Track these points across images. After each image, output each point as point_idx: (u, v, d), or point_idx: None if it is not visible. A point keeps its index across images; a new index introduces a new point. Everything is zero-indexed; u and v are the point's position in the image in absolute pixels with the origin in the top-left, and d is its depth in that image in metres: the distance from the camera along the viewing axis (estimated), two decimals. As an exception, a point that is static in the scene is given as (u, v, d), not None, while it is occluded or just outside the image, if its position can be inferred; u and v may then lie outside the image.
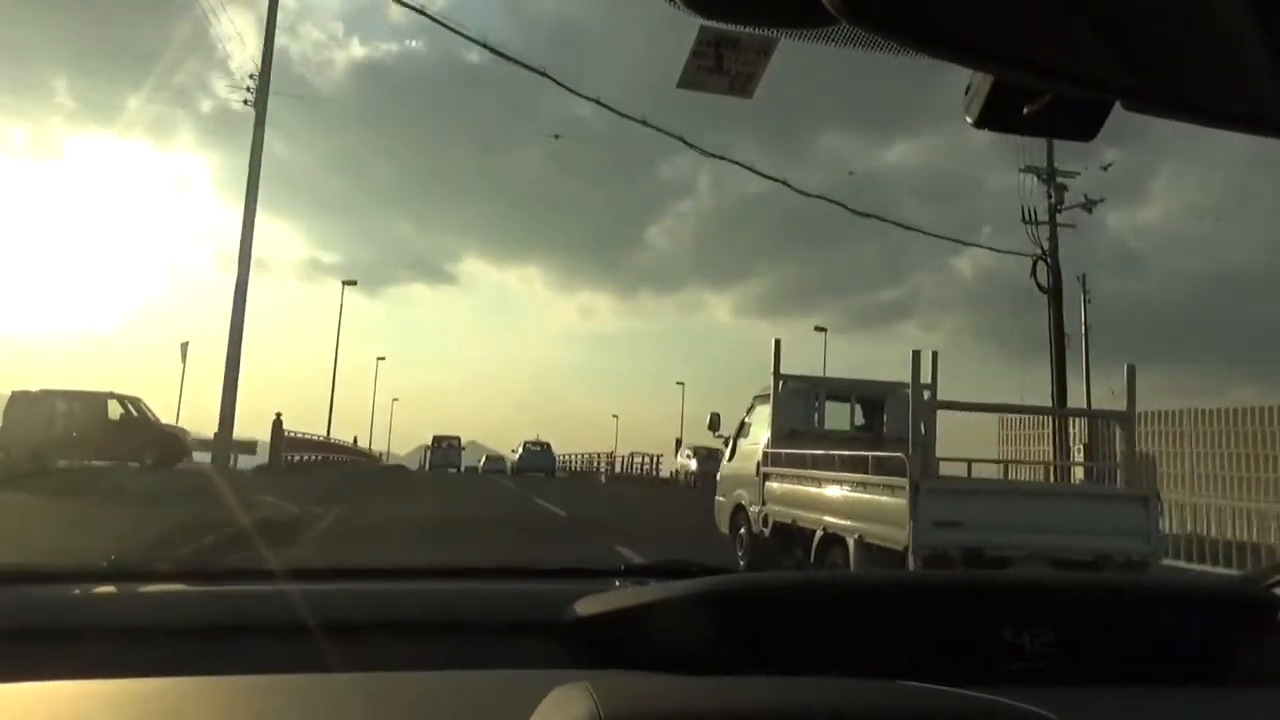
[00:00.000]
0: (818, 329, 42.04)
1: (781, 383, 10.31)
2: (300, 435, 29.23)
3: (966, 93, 0.72)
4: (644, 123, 17.86)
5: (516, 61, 17.38)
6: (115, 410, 20.74)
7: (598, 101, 17.84)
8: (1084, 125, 0.73)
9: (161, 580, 1.67)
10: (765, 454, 9.90)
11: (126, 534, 8.81)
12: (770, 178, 19.62)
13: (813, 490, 8.64)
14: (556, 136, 35.78)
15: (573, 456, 46.24)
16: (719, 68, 2.06)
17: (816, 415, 10.56)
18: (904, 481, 7.05)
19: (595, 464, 42.89)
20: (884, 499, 7.32)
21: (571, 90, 17.87)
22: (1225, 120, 0.61)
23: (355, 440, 46.20)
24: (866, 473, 7.90)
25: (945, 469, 8.70)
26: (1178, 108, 0.60)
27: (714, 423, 12.58)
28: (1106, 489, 8.51)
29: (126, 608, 1.52)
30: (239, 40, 30.72)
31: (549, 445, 41.60)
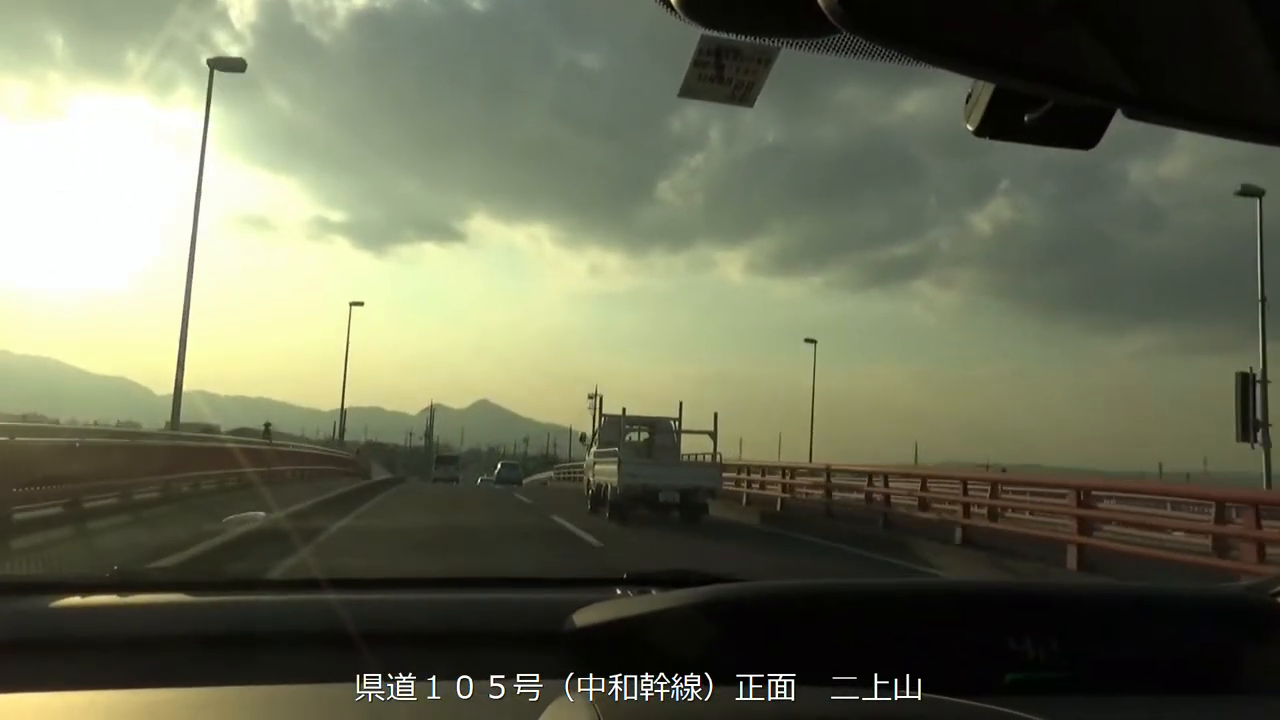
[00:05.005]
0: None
1: (603, 417, 21.48)
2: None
3: (967, 101, 0.73)
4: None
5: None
6: None
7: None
8: (1084, 133, 0.73)
9: (164, 590, 1.66)
10: (594, 452, 21.10)
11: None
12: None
13: (603, 467, 19.71)
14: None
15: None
16: (720, 77, 2.09)
17: (624, 434, 21.66)
18: (616, 460, 18.26)
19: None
20: (613, 468, 18.37)
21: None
22: (1227, 127, 0.62)
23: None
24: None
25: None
26: (1179, 115, 0.60)
27: (583, 438, 23.76)
28: (700, 462, 20.08)
29: (129, 618, 1.50)
30: None
31: (518, 464, 62.96)
